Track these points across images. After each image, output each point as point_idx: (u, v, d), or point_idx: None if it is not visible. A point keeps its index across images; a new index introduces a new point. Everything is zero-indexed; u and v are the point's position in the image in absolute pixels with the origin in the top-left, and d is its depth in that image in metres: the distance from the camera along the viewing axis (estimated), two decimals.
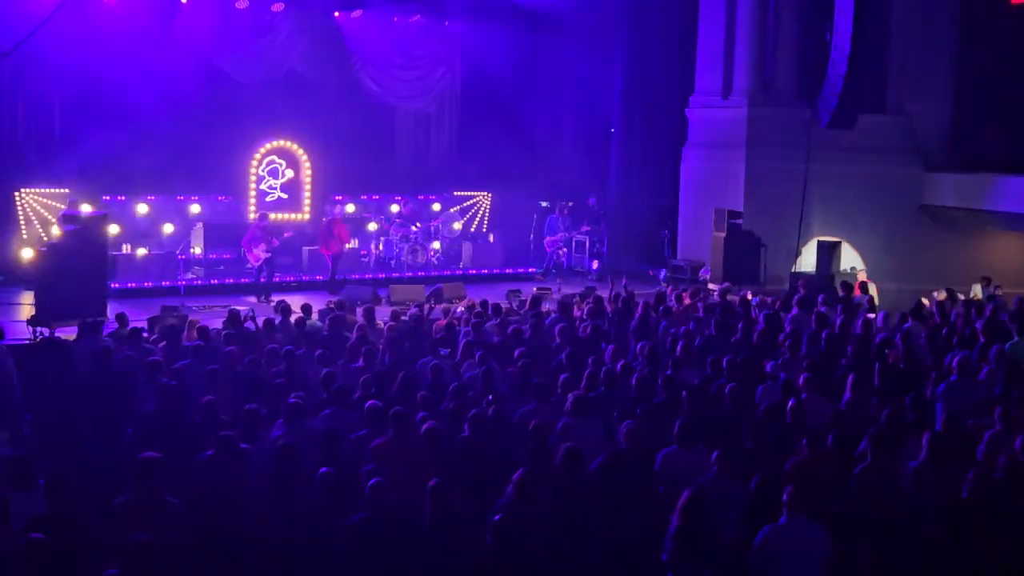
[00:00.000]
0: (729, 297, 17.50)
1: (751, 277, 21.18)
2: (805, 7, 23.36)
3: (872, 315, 16.26)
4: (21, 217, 20.88)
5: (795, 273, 21.36)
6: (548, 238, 23.84)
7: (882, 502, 8.87)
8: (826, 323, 14.88)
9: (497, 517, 7.94)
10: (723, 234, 21.86)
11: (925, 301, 17.02)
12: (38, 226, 20.88)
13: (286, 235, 21.07)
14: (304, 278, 21.36)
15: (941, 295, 17.75)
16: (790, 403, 10.69)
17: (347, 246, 21.88)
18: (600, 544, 8.18)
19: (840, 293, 17.71)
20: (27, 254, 19.98)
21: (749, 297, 17.48)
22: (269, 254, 19.93)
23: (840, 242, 21.80)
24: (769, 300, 17.48)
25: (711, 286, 20.62)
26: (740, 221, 22.11)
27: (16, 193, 20.89)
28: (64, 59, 20.76)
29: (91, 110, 21.15)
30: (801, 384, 11.49)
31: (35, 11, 19.93)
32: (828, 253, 21.23)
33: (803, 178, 22.76)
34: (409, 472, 8.39)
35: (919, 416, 10.93)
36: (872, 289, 19.22)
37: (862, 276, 19.96)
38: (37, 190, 21.03)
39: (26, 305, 17.83)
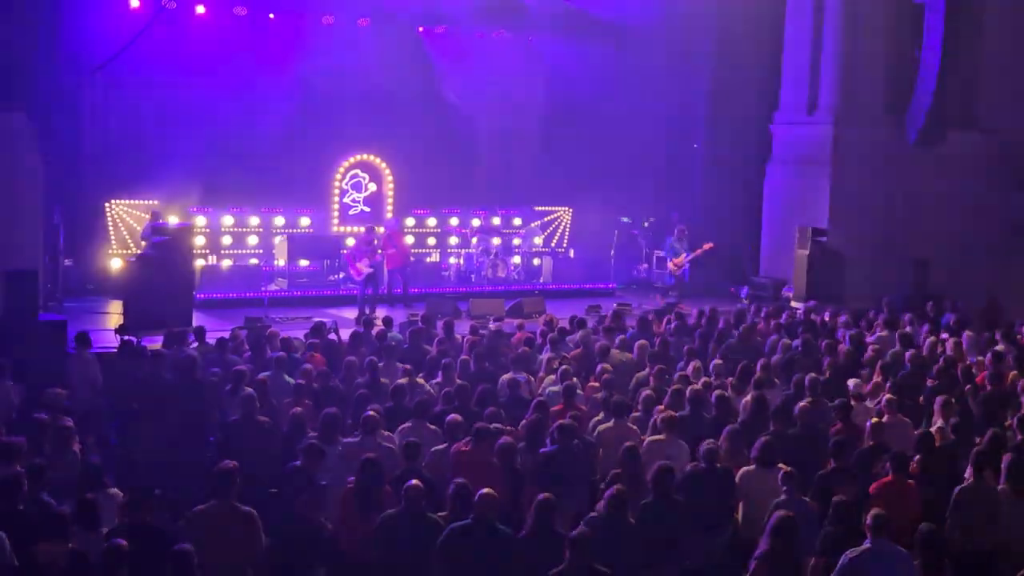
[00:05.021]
0: (813, 316, 17.25)
1: (835, 295, 20.86)
2: (893, 23, 22.99)
3: (946, 335, 15.79)
4: (111, 227, 21.29)
5: (880, 292, 20.98)
6: (672, 261, 22.15)
7: (975, 526, 8.70)
8: (911, 343, 14.60)
9: (578, 530, 7.90)
10: (807, 251, 21.60)
11: None
12: (127, 236, 21.28)
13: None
14: (383, 291, 21.39)
15: None
16: (868, 425, 10.54)
17: (411, 258, 21.74)
18: (678, 563, 8.12)
19: (929, 313, 17.38)
20: (116, 264, 20.41)
21: (841, 319, 17.12)
22: (372, 269, 19.97)
23: (927, 260, 21.38)
24: (854, 319, 17.18)
25: (794, 304, 20.36)
26: (825, 239, 21.82)
27: (106, 204, 21.31)
28: (155, 73, 21.18)
29: (180, 123, 21.47)
30: (884, 406, 11.31)
31: (128, 26, 20.40)
32: (915, 272, 20.84)
33: (889, 195, 22.39)
34: (483, 485, 8.42)
35: (1008, 438, 10.70)
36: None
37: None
38: (127, 201, 21.44)
39: (114, 314, 18.21)
